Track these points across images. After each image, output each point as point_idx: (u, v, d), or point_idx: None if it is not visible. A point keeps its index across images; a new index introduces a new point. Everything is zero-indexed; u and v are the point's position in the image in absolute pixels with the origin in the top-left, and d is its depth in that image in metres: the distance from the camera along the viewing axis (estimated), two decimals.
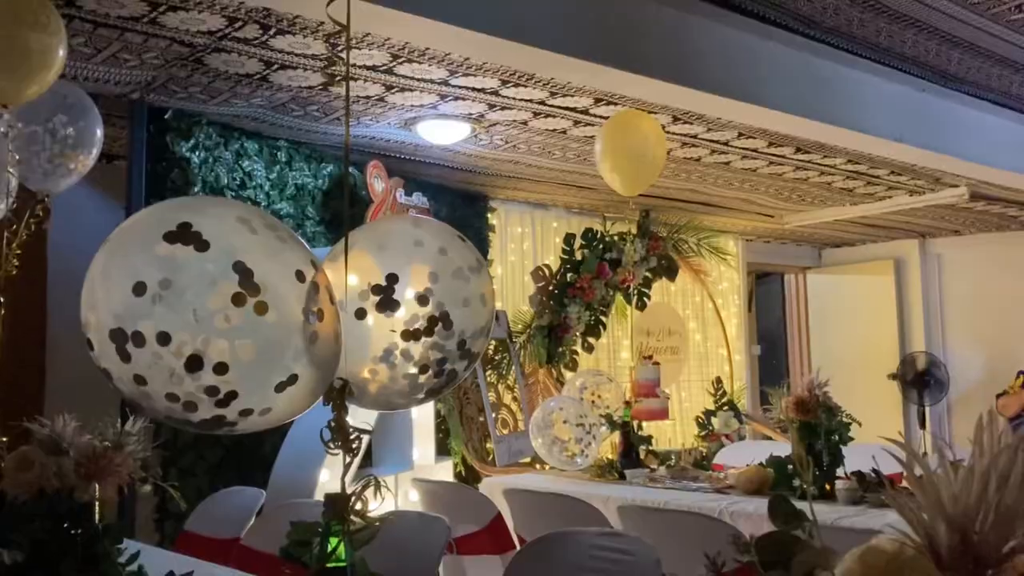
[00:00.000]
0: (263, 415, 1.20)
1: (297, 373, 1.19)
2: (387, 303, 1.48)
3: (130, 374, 1.20)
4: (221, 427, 1.21)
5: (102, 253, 1.24)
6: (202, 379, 1.15)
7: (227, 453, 4.01)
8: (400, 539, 2.41)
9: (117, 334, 1.16)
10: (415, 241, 1.57)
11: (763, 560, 0.68)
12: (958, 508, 0.65)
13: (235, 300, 1.15)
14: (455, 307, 1.53)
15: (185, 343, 1.15)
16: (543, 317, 5.93)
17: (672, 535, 2.51)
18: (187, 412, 1.18)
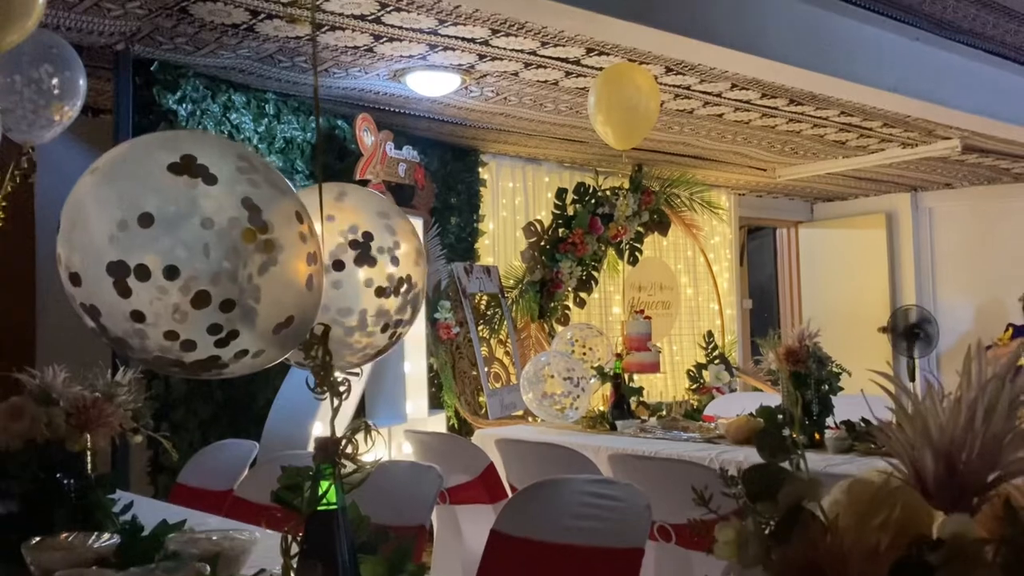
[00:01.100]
0: (255, 357, 1.18)
1: (294, 315, 1.18)
2: (364, 258, 1.48)
3: (127, 310, 1.14)
4: (212, 369, 1.19)
5: (93, 181, 1.17)
6: (207, 317, 1.12)
7: (219, 408, 4.03)
8: (393, 488, 2.43)
9: (117, 267, 1.11)
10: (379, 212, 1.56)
11: (750, 491, 0.68)
12: (944, 438, 0.65)
13: (245, 237, 1.13)
14: (415, 274, 1.53)
15: (193, 278, 1.11)
16: (535, 272, 5.93)
17: (662, 483, 2.53)
18: (183, 352, 1.15)
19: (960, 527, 0.56)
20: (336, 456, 1.19)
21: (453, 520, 3.49)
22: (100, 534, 1.77)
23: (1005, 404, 0.64)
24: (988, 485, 0.63)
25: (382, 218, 1.53)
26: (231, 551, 1.65)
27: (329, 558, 1.16)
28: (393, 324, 1.54)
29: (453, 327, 5.13)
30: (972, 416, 0.65)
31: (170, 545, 1.68)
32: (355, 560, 1.19)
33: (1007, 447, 0.63)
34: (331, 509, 1.18)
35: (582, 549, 2.00)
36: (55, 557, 1.64)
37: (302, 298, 1.19)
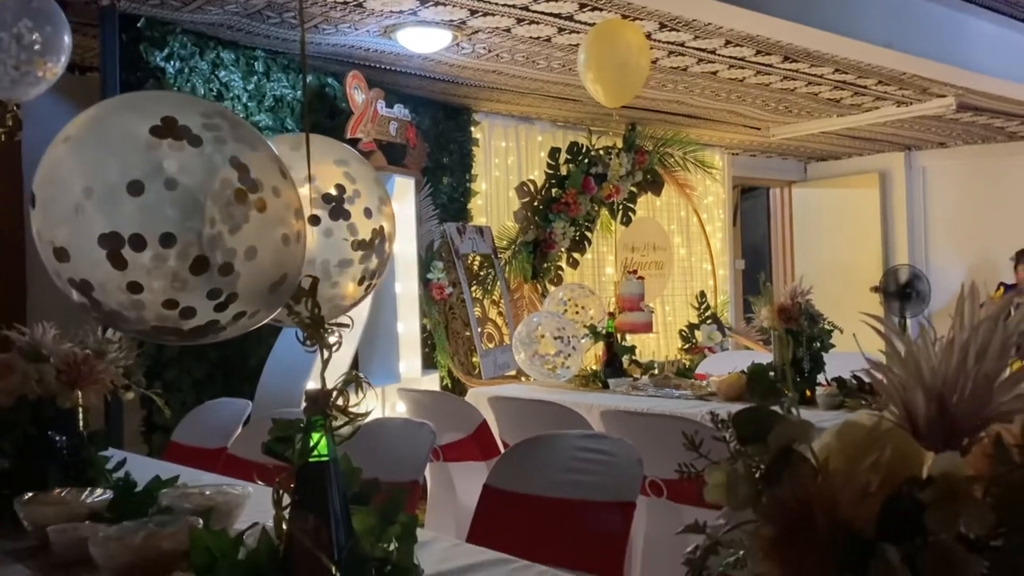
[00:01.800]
0: (252, 318, 1.17)
1: (288, 273, 1.17)
2: (339, 212, 1.47)
3: (123, 282, 1.11)
4: (209, 334, 1.19)
5: (69, 150, 1.14)
6: (207, 282, 1.10)
7: (213, 367, 4.03)
8: (386, 444, 2.44)
9: (110, 239, 1.07)
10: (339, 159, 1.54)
11: (741, 434, 0.68)
12: (936, 379, 0.65)
13: (237, 197, 1.11)
14: (389, 227, 1.52)
15: (191, 244, 1.08)
16: (528, 232, 5.91)
17: (653, 438, 2.54)
18: (183, 319, 1.12)
19: (950, 465, 0.56)
20: (327, 408, 1.19)
21: (446, 477, 3.51)
22: (93, 490, 1.78)
23: (997, 345, 0.63)
24: (979, 426, 0.63)
25: (341, 166, 1.51)
26: (224, 505, 1.66)
27: (321, 509, 1.16)
28: (369, 276, 1.52)
29: (446, 287, 5.12)
30: (964, 357, 0.64)
31: (163, 500, 1.69)
32: (347, 511, 1.19)
33: (998, 388, 0.63)
34: (322, 461, 1.18)
35: (574, 503, 2.02)
36: (48, 512, 1.65)
37: (294, 255, 1.18)
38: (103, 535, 1.44)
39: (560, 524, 2.01)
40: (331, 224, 1.46)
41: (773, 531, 0.64)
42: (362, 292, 1.55)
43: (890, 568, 0.54)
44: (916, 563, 0.55)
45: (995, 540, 0.56)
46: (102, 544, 1.41)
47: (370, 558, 1.18)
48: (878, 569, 0.55)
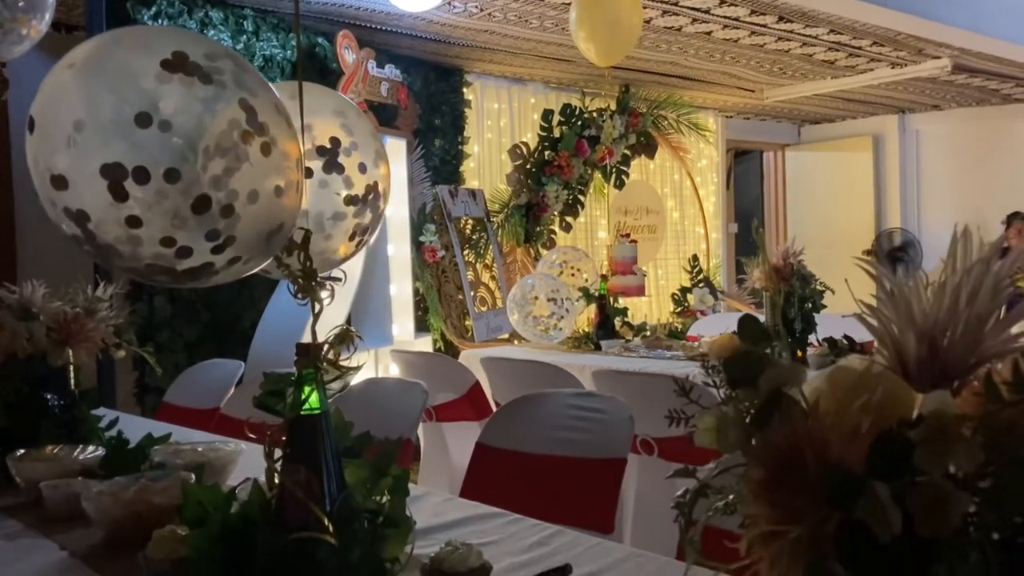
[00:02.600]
0: (245, 264, 1.16)
1: (284, 222, 1.16)
2: (332, 165, 1.45)
3: (122, 216, 1.09)
4: (202, 276, 1.17)
5: (74, 77, 1.10)
6: (207, 222, 1.08)
7: (205, 329, 4.02)
8: (379, 403, 2.45)
9: (113, 169, 1.05)
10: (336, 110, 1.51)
11: (731, 377, 0.68)
12: (928, 321, 0.65)
13: (244, 139, 1.09)
14: (382, 183, 1.50)
15: (194, 182, 1.06)
16: (521, 196, 5.89)
17: (645, 397, 2.55)
18: (178, 259, 1.10)
19: (940, 404, 0.56)
20: (318, 361, 1.19)
21: (440, 437, 3.52)
22: (85, 447, 1.78)
23: (989, 287, 0.63)
24: (969, 367, 0.63)
25: (338, 117, 1.49)
26: (217, 461, 1.67)
27: (312, 461, 1.16)
28: (360, 232, 1.51)
29: (438, 250, 5.11)
30: (956, 300, 0.64)
31: (155, 457, 1.69)
32: (339, 463, 1.19)
33: (990, 330, 0.63)
34: (314, 413, 1.18)
35: (566, 460, 2.03)
36: (40, 468, 1.65)
37: (292, 204, 1.17)
38: (96, 490, 1.45)
39: (552, 481, 2.03)
40: (325, 177, 1.44)
41: (763, 473, 0.64)
42: (353, 248, 1.54)
43: (879, 505, 0.54)
44: (905, 501, 0.55)
45: (983, 479, 0.56)
46: (95, 499, 1.42)
47: (362, 510, 1.19)
48: (867, 506, 0.55)
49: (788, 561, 0.59)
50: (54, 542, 1.42)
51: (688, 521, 0.71)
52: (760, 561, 0.60)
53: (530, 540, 1.39)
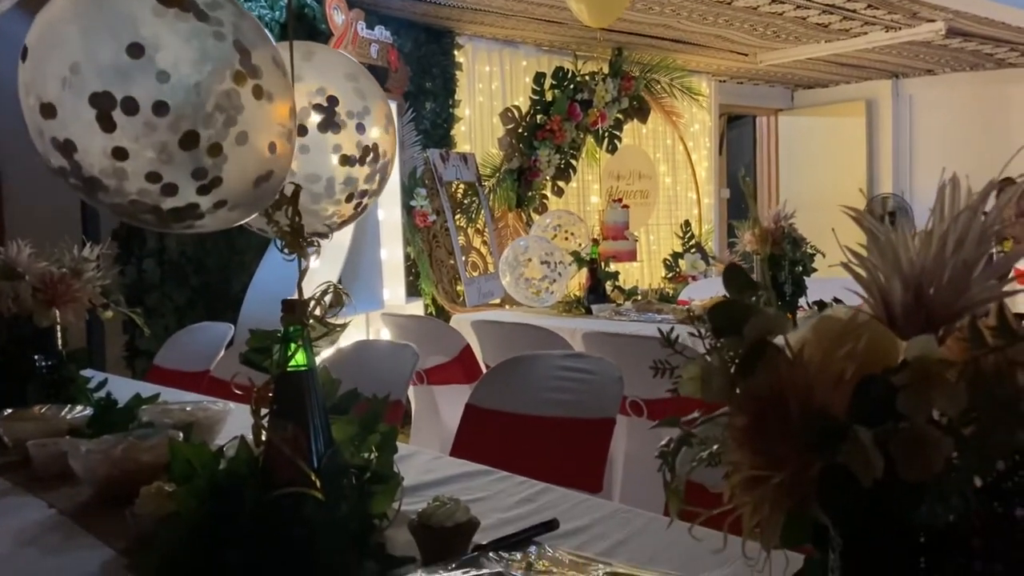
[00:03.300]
0: (232, 210, 1.14)
1: (274, 170, 1.14)
2: (329, 123, 1.43)
3: (109, 146, 1.08)
4: (186, 219, 1.16)
5: (71, 5, 1.10)
6: (193, 160, 1.07)
7: (195, 293, 4.01)
8: (370, 365, 2.45)
9: (102, 98, 1.04)
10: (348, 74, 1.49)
11: (716, 326, 0.67)
12: (914, 269, 0.64)
13: (236, 79, 1.07)
14: (383, 143, 1.48)
15: (184, 117, 1.05)
16: (512, 160, 5.86)
17: (634, 359, 2.55)
18: (163, 196, 1.09)
19: (924, 349, 0.56)
20: (305, 317, 1.18)
21: (430, 400, 3.53)
22: (73, 407, 1.78)
23: (976, 234, 0.62)
24: (955, 315, 0.62)
25: (350, 81, 1.47)
26: (205, 421, 1.66)
27: (299, 418, 1.16)
28: (359, 194, 1.50)
29: (429, 215, 5.08)
30: (943, 247, 0.63)
31: (143, 416, 1.69)
32: (326, 420, 1.19)
33: (977, 278, 0.62)
34: (300, 370, 1.17)
35: (555, 420, 2.03)
36: (28, 428, 1.65)
37: (282, 153, 1.15)
38: (83, 449, 1.45)
39: (541, 441, 2.03)
40: (321, 136, 1.42)
41: (746, 421, 0.64)
42: (352, 211, 1.51)
43: (862, 449, 0.54)
44: (888, 446, 0.55)
45: (966, 425, 0.56)
46: (82, 457, 1.42)
47: (349, 466, 1.19)
48: (850, 451, 0.55)
49: (770, 506, 0.59)
50: (42, 500, 1.42)
51: (671, 470, 0.71)
52: (743, 507, 0.60)
53: (517, 497, 1.40)
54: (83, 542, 1.25)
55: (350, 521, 1.14)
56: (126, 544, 1.21)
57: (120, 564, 1.14)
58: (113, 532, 1.25)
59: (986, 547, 0.58)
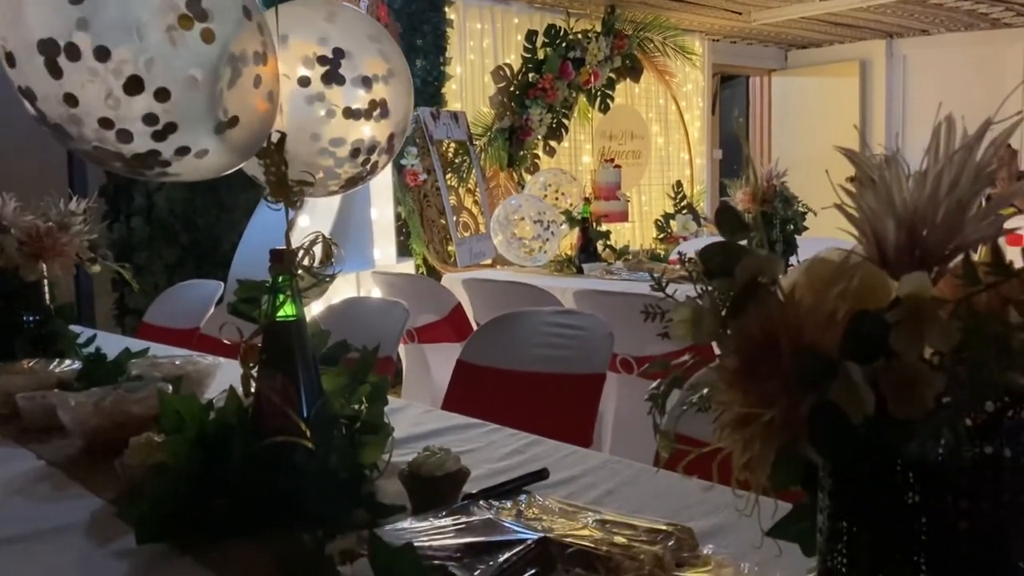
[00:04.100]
0: (200, 157, 1.13)
1: (238, 116, 1.12)
2: (332, 76, 1.40)
3: (60, 93, 1.08)
4: (155, 166, 1.14)
5: None
6: (141, 104, 1.06)
7: (184, 251, 3.99)
8: (360, 322, 2.44)
9: (48, 45, 1.04)
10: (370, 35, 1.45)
11: (707, 268, 0.67)
12: (908, 209, 0.63)
13: (181, 22, 1.06)
14: (393, 98, 1.44)
15: (126, 61, 1.03)
16: (504, 119, 5.81)
17: (625, 317, 2.55)
18: (120, 143, 1.08)
19: (917, 286, 0.55)
20: (293, 267, 1.17)
21: (421, 358, 3.54)
22: (62, 361, 1.77)
23: (971, 173, 0.62)
24: (948, 255, 0.62)
25: (373, 42, 1.43)
26: (195, 374, 1.66)
27: (288, 368, 1.15)
28: (366, 150, 1.45)
29: (420, 174, 5.05)
30: (937, 186, 0.63)
31: (133, 370, 1.68)
32: (316, 370, 1.19)
33: (971, 218, 0.62)
34: (289, 320, 1.17)
35: (545, 376, 2.04)
36: (16, 381, 1.64)
37: (247, 98, 1.13)
38: (72, 401, 1.44)
39: (531, 396, 2.04)
40: (323, 88, 1.38)
41: (737, 362, 0.63)
42: (359, 167, 1.46)
43: (852, 386, 0.54)
44: (878, 383, 0.55)
45: (959, 362, 0.56)
46: (71, 409, 1.41)
47: (339, 416, 1.19)
48: (840, 388, 0.54)
49: (760, 444, 0.59)
50: (31, 451, 1.42)
51: (661, 412, 0.71)
52: (732, 445, 0.60)
53: (508, 448, 1.40)
54: (73, 492, 1.25)
55: (340, 470, 1.14)
56: (116, 494, 1.20)
57: (110, 512, 1.14)
58: (102, 482, 1.25)
59: (974, 486, 0.59)
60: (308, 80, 1.38)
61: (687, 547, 0.93)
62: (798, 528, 0.75)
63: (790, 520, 0.75)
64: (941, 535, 0.59)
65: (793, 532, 0.75)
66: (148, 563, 1.01)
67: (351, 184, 1.45)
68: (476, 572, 0.84)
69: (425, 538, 0.94)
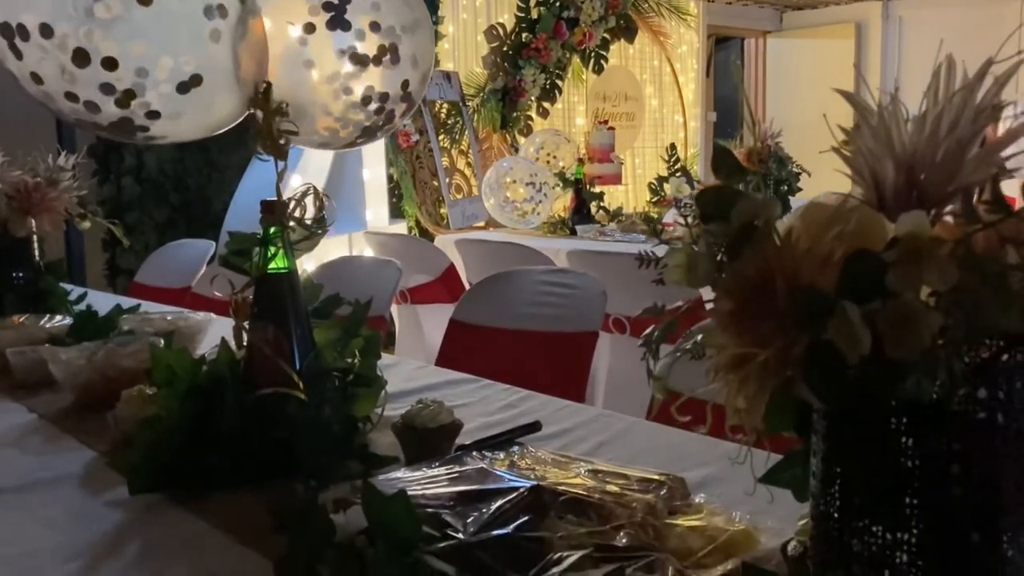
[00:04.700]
0: (174, 120, 1.12)
1: (199, 74, 1.10)
2: (338, 21, 1.36)
3: (27, 72, 1.11)
4: (135, 132, 1.13)
5: None
6: (95, 76, 1.07)
7: (175, 212, 3.96)
8: (353, 280, 2.43)
9: (4, 28, 1.07)
10: None
11: (703, 212, 0.66)
12: (907, 150, 0.63)
13: None
14: (404, 43, 1.41)
15: (68, 35, 1.05)
16: (497, 79, 5.75)
17: (619, 277, 2.55)
18: (91, 113, 1.10)
19: (915, 225, 0.54)
20: (284, 219, 1.16)
21: (414, 318, 3.53)
22: (52, 316, 1.76)
23: (971, 113, 0.61)
24: (947, 197, 0.61)
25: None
26: (186, 329, 1.65)
27: (280, 320, 1.15)
28: (377, 98, 1.40)
29: (412, 135, 5.01)
30: (937, 128, 0.62)
31: (124, 325, 1.67)
32: (307, 323, 1.18)
33: (971, 159, 0.61)
34: (280, 272, 1.16)
35: (538, 334, 2.04)
36: (7, 336, 1.63)
37: (203, 52, 1.11)
38: (64, 355, 1.43)
39: (525, 354, 2.04)
40: (328, 32, 1.34)
41: (732, 304, 0.63)
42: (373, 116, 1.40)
43: (849, 324, 0.53)
44: (875, 323, 0.54)
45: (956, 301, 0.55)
46: (63, 363, 1.41)
47: (332, 369, 1.18)
48: (837, 326, 0.54)
49: (755, 384, 0.58)
50: (23, 405, 1.42)
51: (655, 357, 0.70)
52: (727, 385, 0.60)
53: (501, 403, 1.41)
54: (65, 444, 1.24)
55: (333, 422, 1.14)
56: (108, 446, 1.20)
57: (102, 464, 1.14)
58: (95, 435, 1.25)
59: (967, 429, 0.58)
60: (313, 27, 1.35)
61: (679, 496, 0.93)
62: (791, 475, 0.75)
63: (783, 466, 0.75)
64: (933, 478, 0.59)
65: (786, 479, 0.75)
66: (142, 512, 1.01)
67: (368, 135, 1.40)
68: (469, 519, 0.85)
69: (418, 487, 0.94)
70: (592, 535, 0.82)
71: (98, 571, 0.87)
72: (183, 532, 0.96)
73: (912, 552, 0.60)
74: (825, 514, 0.65)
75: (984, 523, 0.60)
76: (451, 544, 0.80)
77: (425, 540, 0.81)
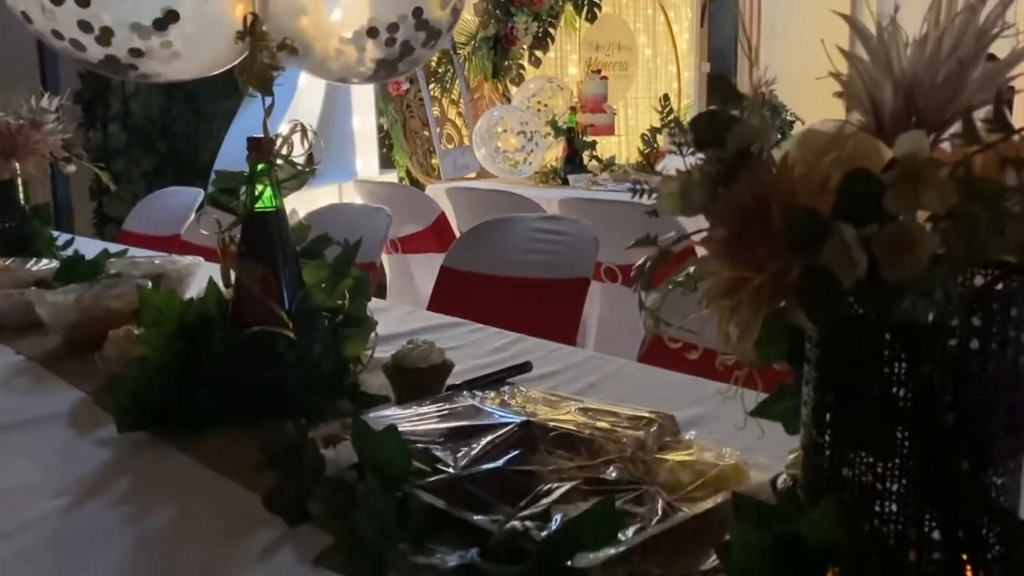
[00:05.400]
0: (162, 59, 1.10)
1: (174, 9, 1.07)
2: None
3: (19, 10, 1.10)
4: (127, 71, 1.11)
5: None
6: (71, 13, 1.05)
7: (162, 160, 3.92)
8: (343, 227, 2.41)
9: None
10: None
11: (698, 137, 0.64)
12: (906, 73, 0.61)
13: None
14: None
15: None
16: (488, 27, 5.66)
17: (611, 225, 2.54)
18: (78, 51, 1.08)
19: (914, 145, 0.53)
20: (271, 156, 1.14)
21: (405, 268, 3.52)
22: (39, 260, 1.74)
23: (974, 32, 0.59)
24: (947, 121, 0.60)
25: None
26: (174, 273, 1.64)
27: (268, 259, 1.13)
28: (387, 28, 1.34)
29: (403, 83, 4.94)
30: (938, 49, 0.60)
31: (111, 268, 1.66)
32: (296, 263, 1.17)
33: (973, 80, 0.60)
34: (268, 211, 1.14)
35: (529, 281, 2.03)
36: None
37: None
38: (50, 297, 1.42)
39: (515, 301, 2.03)
40: None
41: (726, 231, 0.62)
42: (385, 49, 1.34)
43: (844, 247, 0.52)
44: (871, 247, 0.53)
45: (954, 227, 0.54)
46: (49, 305, 1.39)
47: (321, 308, 1.17)
48: (832, 249, 0.53)
49: (748, 310, 0.58)
50: (9, 347, 1.40)
51: (647, 289, 0.69)
52: (719, 311, 0.59)
53: (492, 346, 1.40)
54: (52, 385, 1.24)
55: (323, 362, 1.13)
56: (96, 387, 1.19)
57: (90, 404, 1.13)
58: (83, 375, 1.24)
59: (960, 357, 0.58)
60: None
61: (669, 432, 0.93)
62: (782, 407, 0.75)
63: (774, 399, 0.75)
64: (925, 406, 0.59)
65: (777, 411, 0.75)
66: (130, 450, 1.01)
67: (387, 69, 1.34)
68: (459, 454, 0.84)
69: (408, 424, 0.93)
70: (582, 469, 0.82)
71: (85, 507, 0.87)
72: (171, 470, 0.96)
73: (902, 479, 0.60)
74: (816, 443, 0.64)
75: (974, 451, 0.59)
76: (441, 478, 0.80)
77: (415, 474, 0.81)
